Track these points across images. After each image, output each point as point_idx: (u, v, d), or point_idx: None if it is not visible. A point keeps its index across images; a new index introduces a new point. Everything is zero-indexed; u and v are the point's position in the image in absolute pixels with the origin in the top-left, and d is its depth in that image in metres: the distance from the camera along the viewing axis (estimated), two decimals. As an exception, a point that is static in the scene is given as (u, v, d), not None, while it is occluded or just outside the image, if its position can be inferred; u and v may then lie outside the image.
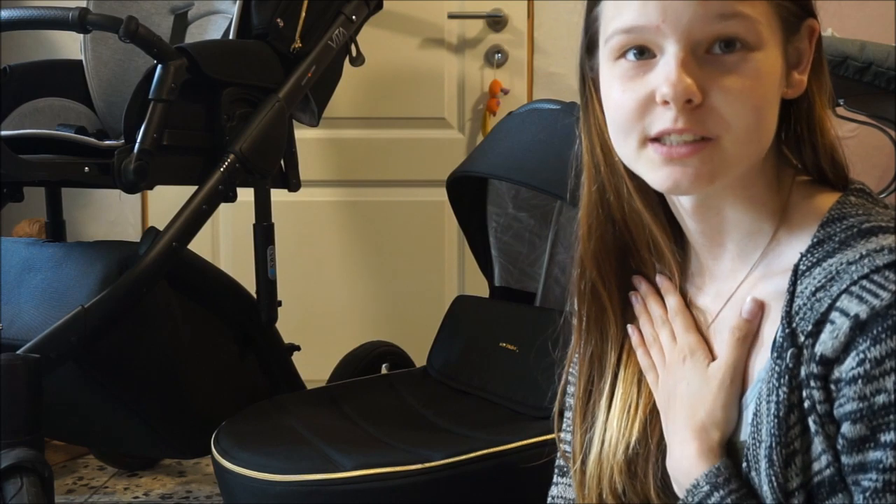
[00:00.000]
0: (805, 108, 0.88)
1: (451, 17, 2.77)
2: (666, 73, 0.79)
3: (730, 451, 0.88)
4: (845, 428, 0.76)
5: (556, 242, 2.02)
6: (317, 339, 2.47)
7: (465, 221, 2.14)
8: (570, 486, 1.04)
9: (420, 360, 2.19)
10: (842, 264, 0.78)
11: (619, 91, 0.84)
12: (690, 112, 0.79)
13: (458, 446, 1.59)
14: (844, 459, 0.77)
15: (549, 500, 1.09)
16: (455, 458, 1.55)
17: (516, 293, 2.11)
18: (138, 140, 1.71)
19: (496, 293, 2.15)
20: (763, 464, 0.81)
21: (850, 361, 0.75)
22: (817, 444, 0.78)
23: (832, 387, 0.77)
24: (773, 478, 0.80)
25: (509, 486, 1.59)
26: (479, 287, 2.29)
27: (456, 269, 2.84)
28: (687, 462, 0.88)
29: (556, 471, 1.10)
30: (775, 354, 0.81)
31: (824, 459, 0.78)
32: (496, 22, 2.78)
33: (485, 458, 1.57)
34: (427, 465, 1.53)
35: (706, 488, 0.85)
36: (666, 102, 0.80)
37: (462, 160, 2.12)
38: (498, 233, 2.10)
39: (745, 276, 0.90)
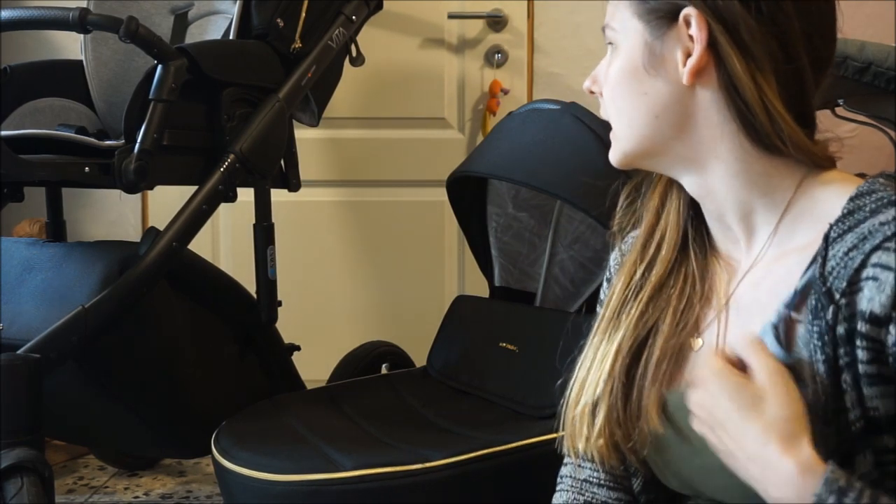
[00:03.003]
0: (723, 88, 0.89)
1: (451, 17, 2.77)
2: None
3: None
4: None
5: (556, 242, 2.02)
6: (317, 339, 2.47)
7: (465, 221, 2.14)
8: (579, 465, 1.05)
9: (420, 360, 2.19)
10: (874, 226, 0.81)
11: None
12: (602, 100, 0.98)
13: (458, 446, 1.59)
14: None
15: (558, 480, 1.10)
16: (455, 458, 1.55)
17: (516, 293, 2.11)
18: (138, 140, 1.71)
19: (496, 293, 2.14)
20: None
21: None
22: (846, 401, 0.80)
23: (891, 350, 0.78)
24: (822, 438, 0.78)
25: (509, 486, 1.59)
26: (479, 287, 2.29)
27: (456, 269, 2.84)
28: (786, 482, 0.77)
29: (565, 450, 1.10)
30: (810, 316, 0.83)
31: (851, 416, 0.80)
32: (496, 22, 2.77)
33: (485, 458, 1.57)
34: (427, 465, 1.54)
35: (832, 499, 0.75)
36: None
37: (462, 160, 2.12)
38: (498, 233, 2.10)
39: (756, 257, 0.93)
